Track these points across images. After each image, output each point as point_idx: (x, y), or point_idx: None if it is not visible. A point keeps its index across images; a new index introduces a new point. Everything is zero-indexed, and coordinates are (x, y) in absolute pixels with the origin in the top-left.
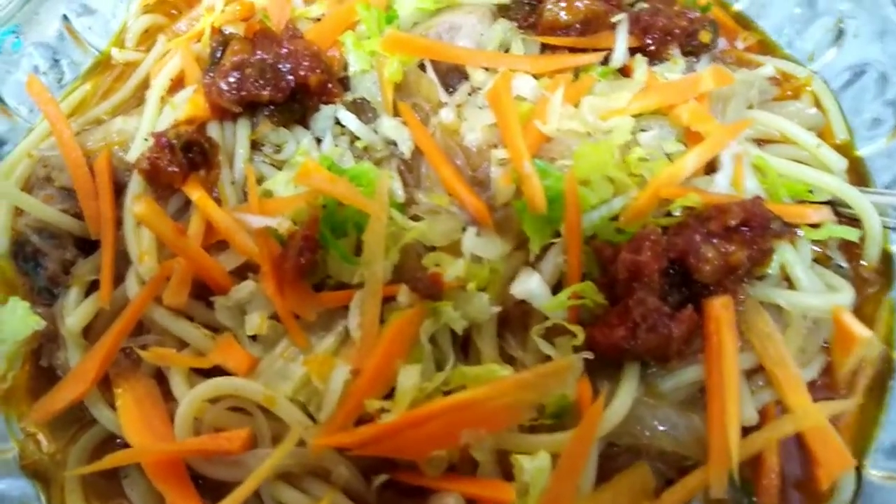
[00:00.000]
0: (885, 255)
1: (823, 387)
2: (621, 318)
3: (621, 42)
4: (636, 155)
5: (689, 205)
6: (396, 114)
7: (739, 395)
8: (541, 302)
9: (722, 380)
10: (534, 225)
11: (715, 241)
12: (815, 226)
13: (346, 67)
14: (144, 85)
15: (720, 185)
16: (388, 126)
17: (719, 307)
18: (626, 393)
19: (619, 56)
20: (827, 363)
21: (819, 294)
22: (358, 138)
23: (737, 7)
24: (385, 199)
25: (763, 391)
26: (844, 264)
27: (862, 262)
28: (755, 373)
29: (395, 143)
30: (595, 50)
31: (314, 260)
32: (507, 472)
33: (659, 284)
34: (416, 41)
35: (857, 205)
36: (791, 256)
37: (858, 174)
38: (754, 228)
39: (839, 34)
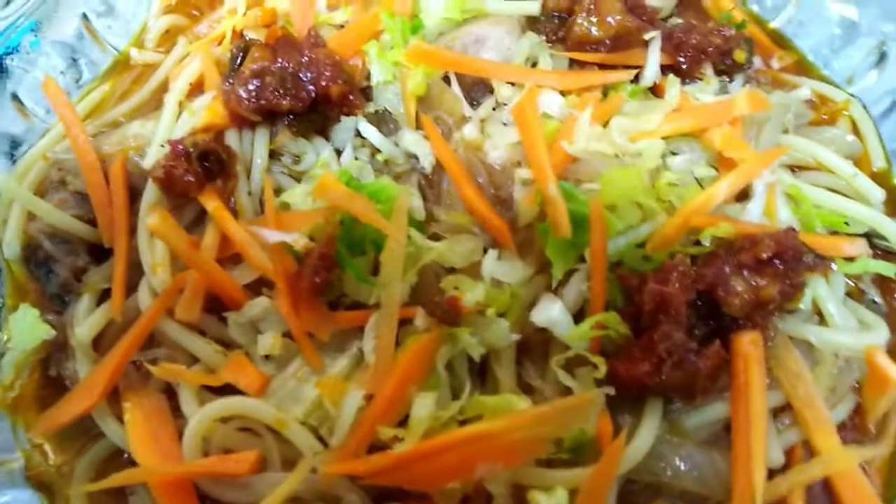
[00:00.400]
0: None
1: (853, 428)
2: (646, 352)
3: (653, 60)
4: (666, 180)
5: (719, 235)
6: (419, 127)
7: (766, 436)
8: (562, 331)
9: (749, 419)
10: (557, 249)
11: (745, 273)
12: (849, 259)
13: (368, 77)
14: (163, 88)
15: (753, 214)
16: (410, 139)
17: (748, 343)
18: (648, 430)
19: (651, 74)
20: (857, 404)
21: (852, 332)
22: (379, 151)
23: (774, 25)
24: (404, 220)
25: (789, 430)
26: (879, 300)
27: None
28: (781, 411)
29: (416, 157)
30: (626, 67)
31: (330, 279)
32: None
33: (686, 318)
34: (441, 54)
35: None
36: (823, 291)
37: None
38: (787, 261)
39: (881, 57)
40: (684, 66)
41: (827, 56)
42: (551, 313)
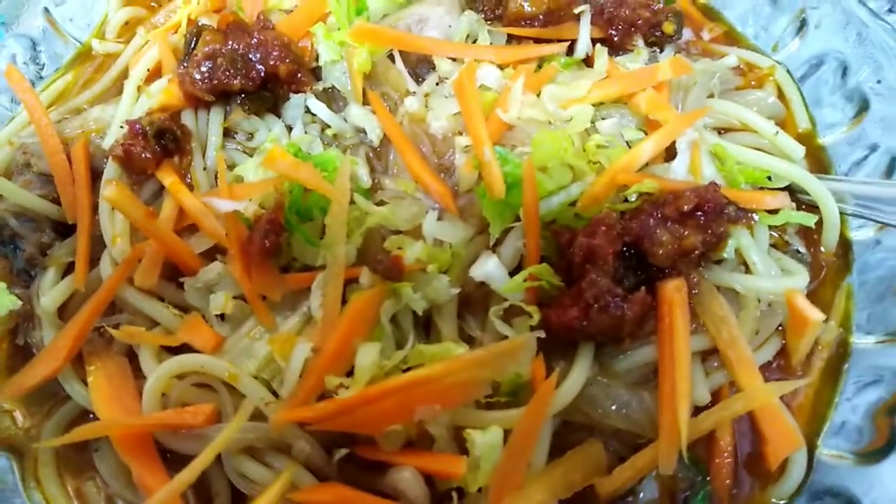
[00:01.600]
0: (844, 241)
1: (778, 369)
2: (575, 299)
3: (584, 33)
4: (594, 142)
5: (645, 191)
6: (366, 103)
7: (690, 375)
8: (498, 284)
9: (673, 360)
10: (494, 210)
11: (669, 225)
12: (773, 212)
13: (317, 58)
14: (124, 75)
15: (677, 171)
16: (357, 114)
17: (672, 289)
18: (579, 372)
19: (583, 46)
20: (782, 346)
21: (773, 278)
22: (328, 126)
23: None
24: (346, 184)
25: (717, 373)
26: (803, 250)
27: (820, 248)
28: (710, 355)
29: (364, 131)
30: (559, 41)
31: (279, 242)
32: (464, 448)
33: (613, 267)
34: (384, 32)
35: (815, 191)
36: (746, 241)
37: (820, 162)
38: (708, 213)
39: (802, 24)
40: (616, 39)
41: (755, 26)
42: (487, 268)
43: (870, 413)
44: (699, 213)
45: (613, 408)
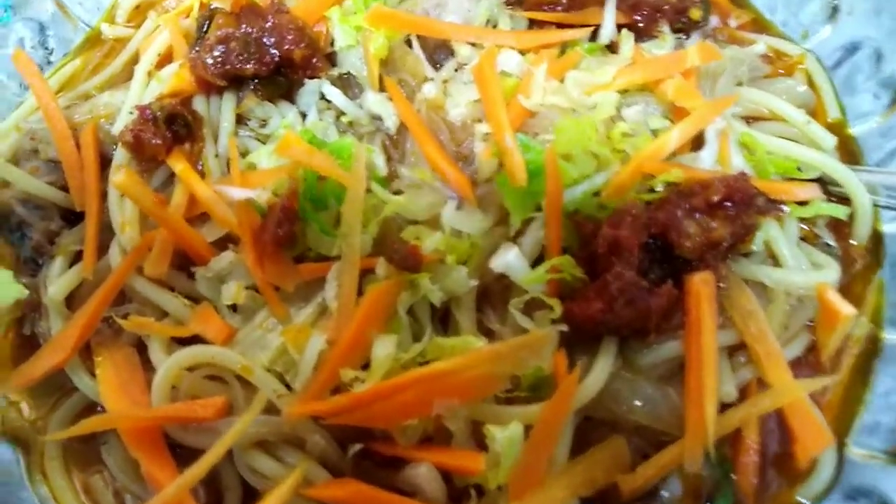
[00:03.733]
0: (875, 234)
1: (808, 365)
2: (599, 292)
3: (609, 18)
4: (619, 130)
5: (672, 181)
6: (383, 89)
7: (717, 371)
8: (519, 275)
9: (700, 355)
10: (515, 199)
11: (697, 216)
12: (803, 203)
13: (333, 43)
14: (134, 60)
15: (705, 161)
16: (373, 101)
17: (699, 282)
18: (603, 367)
19: (607, 32)
20: (812, 342)
21: (803, 272)
22: (343, 113)
23: None
24: (362, 172)
25: (744, 368)
26: (833, 243)
27: (851, 241)
28: (737, 350)
29: (380, 119)
30: (582, 26)
31: (293, 231)
32: (482, 443)
33: (638, 259)
34: (401, 16)
35: (847, 182)
36: (776, 233)
37: (850, 153)
38: (738, 204)
39: (833, 11)
40: (641, 25)
41: (784, 14)
42: (507, 259)
43: None
44: (728, 203)
45: (638, 403)
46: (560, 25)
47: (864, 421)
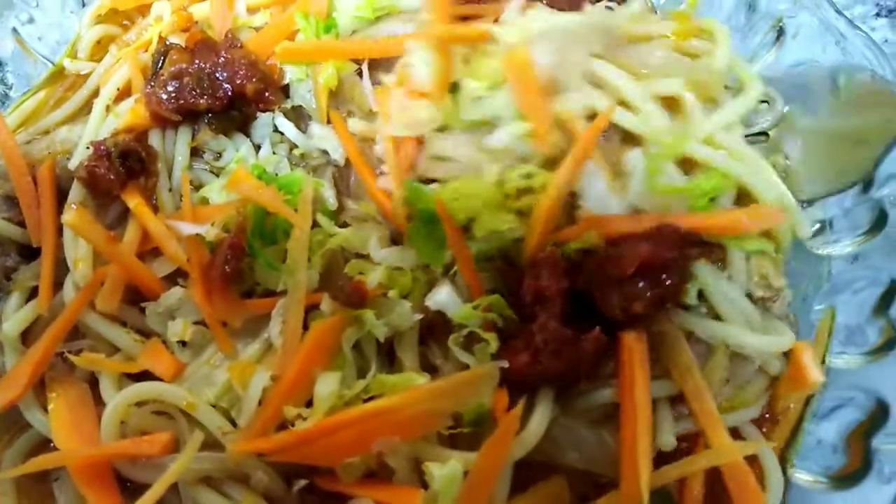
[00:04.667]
0: None
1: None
2: (526, 343)
3: None
4: (513, 184)
5: (586, 247)
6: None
7: (650, 428)
8: (453, 311)
9: (634, 411)
10: (423, 246)
11: (618, 284)
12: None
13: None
14: (95, 95)
15: (611, 204)
16: (318, 133)
17: (631, 339)
18: (542, 416)
19: None
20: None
21: (751, 332)
22: (296, 146)
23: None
24: (308, 209)
25: (687, 419)
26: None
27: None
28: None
29: (326, 151)
30: None
31: (241, 268)
32: (425, 481)
33: (562, 307)
34: (310, 47)
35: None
36: (714, 283)
37: None
38: (661, 268)
39: (779, 34)
40: None
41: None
42: (440, 297)
43: (843, 435)
44: (650, 269)
45: (573, 448)
46: None
47: (806, 444)
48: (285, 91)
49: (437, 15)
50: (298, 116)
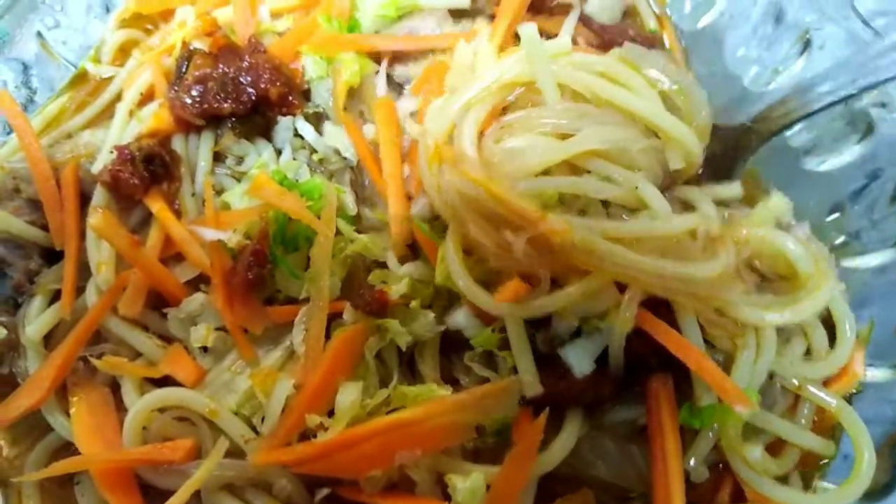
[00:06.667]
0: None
1: None
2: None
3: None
4: None
5: None
6: None
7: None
8: (470, 333)
9: (665, 458)
10: (440, 267)
11: None
12: None
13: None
14: (118, 99)
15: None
16: (330, 132)
17: (658, 383)
18: (569, 433)
19: None
20: None
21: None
22: (316, 150)
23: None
24: (332, 217)
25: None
26: None
27: None
28: None
29: (339, 152)
30: None
31: (263, 275)
32: (447, 492)
33: None
34: (341, 38)
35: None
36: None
37: None
38: None
39: (806, 45)
40: None
41: (756, 48)
42: (458, 319)
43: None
44: None
45: (600, 461)
46: None
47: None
48: (306, 95)
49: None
50: (318, 119)
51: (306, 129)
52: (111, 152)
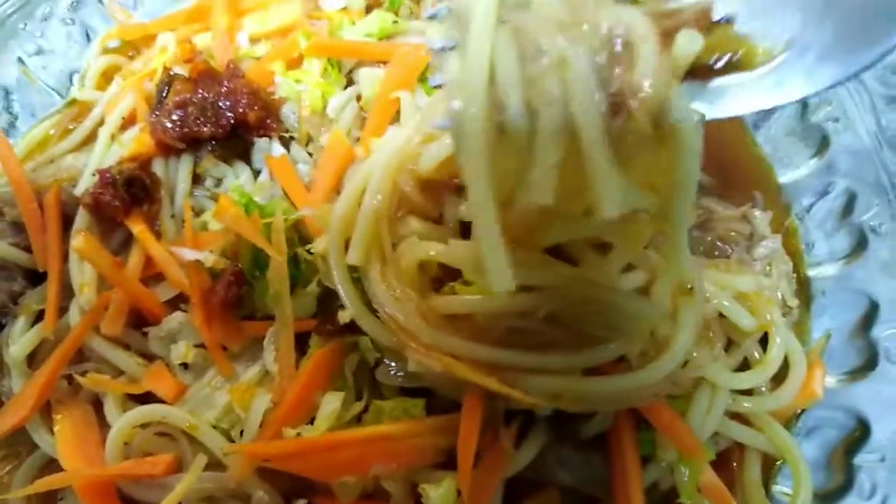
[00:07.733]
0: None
1: None
2: None
3: None
4: None
5: None
6: None
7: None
8: None
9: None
10: None
11: None
12: None
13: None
14: (100, 124)
15: None
16: (297, 154)
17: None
18: (533, 442)
19: None
20: None
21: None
22: None
23: None
24: (280, 238)
25: None
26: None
27: None
28: None
29: None
30: None
31: (240, 294)
32: (420, 501)
33: None
34: (339, 43)
35: None
36: None
37: None
38: None
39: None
40: None
41: None
42: None
43: (826, 453)
44: None
45: (562, 468)
46: None
47: None
48: None
49: None
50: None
51: (278, 151)
52: (93, 175)
